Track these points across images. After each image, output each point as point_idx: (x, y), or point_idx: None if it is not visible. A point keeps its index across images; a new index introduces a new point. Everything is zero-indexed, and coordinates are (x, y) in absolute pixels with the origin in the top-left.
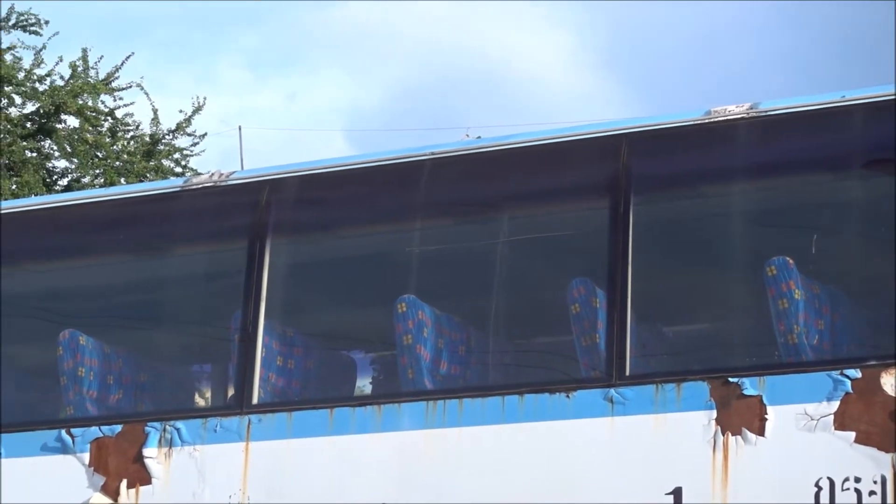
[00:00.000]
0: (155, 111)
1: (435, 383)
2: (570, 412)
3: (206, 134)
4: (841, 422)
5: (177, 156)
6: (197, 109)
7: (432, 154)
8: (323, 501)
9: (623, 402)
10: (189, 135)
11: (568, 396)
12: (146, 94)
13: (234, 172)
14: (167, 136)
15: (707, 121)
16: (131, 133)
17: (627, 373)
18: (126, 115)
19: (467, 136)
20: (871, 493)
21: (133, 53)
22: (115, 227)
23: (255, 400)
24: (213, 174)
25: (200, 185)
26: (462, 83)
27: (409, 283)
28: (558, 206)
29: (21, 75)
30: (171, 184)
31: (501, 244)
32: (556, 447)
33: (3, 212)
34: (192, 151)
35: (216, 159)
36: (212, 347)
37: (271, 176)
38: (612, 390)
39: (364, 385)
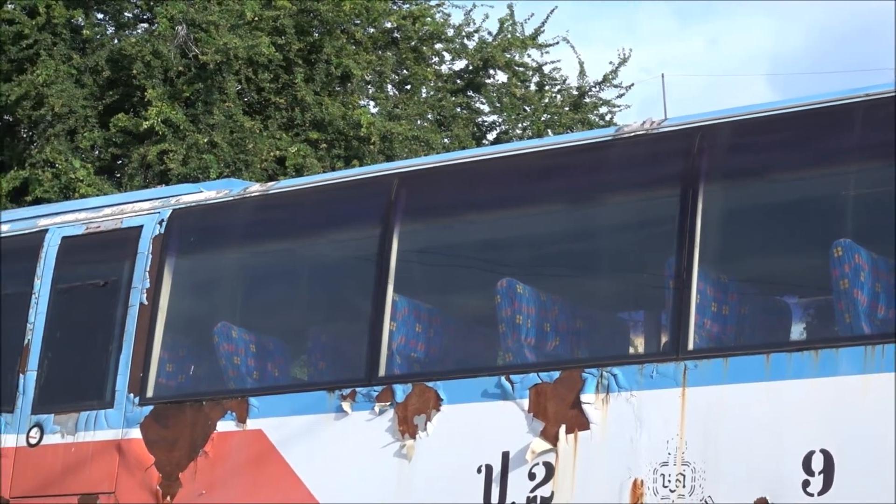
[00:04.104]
0: (581, 64)
1: (872, 328)
2: None
3: (632, 85)
4: None
5: (603, 109)
6: (623, 61)
7: (867, 96)
8: (759, 446)
9: None
10: (615, 86)
11: None
12: (572, 47)
13: (665, 120)
14: (593, 89)
15: None
16: (558, 87)
17: None
18: (553, 69)
19: None
20: None
21: (556, 7)
22: (548, 177)
23: (690, 346)
24: (644, 122)
25: (632, 134)
26: (890, 23)
27: (843, 228)
28: None
29: (450, 32)
30: (603, 133)
31: None
32: None
33: (440, 164)
34: (618, 106)
35: (637, 108)
36: (644, 294)
37: (703, 122)
38: None
39: (797, 330)
